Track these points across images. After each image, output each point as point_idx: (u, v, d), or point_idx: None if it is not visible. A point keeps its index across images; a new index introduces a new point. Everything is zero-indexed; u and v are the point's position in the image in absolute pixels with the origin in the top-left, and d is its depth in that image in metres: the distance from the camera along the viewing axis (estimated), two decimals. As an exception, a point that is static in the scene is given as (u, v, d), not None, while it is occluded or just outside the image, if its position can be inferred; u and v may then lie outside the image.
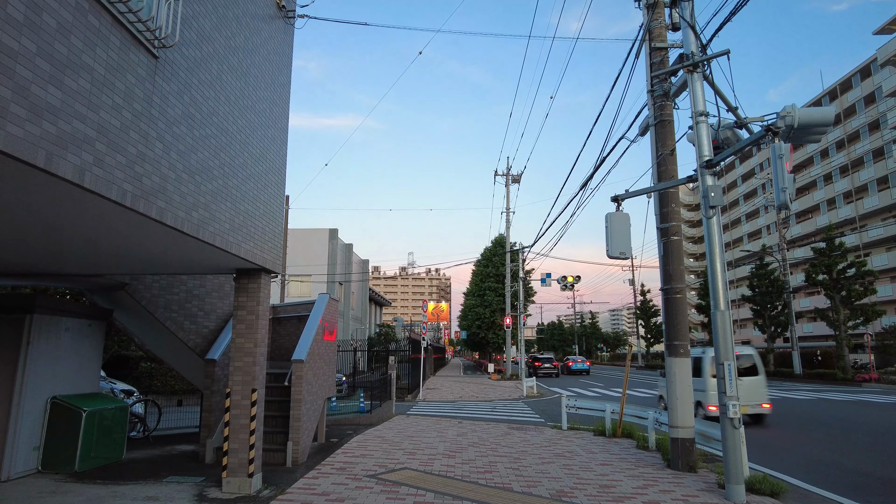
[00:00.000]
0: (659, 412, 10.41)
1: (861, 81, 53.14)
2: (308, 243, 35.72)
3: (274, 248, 6.67)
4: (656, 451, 9.92)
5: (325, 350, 8.92)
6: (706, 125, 7.63)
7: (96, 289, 8.05)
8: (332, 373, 9.53)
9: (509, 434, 11.53)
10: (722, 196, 7.16)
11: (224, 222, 5.30)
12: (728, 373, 6.72)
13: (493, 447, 9.65)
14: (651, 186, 8.71)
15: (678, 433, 8.27)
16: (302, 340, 8.04)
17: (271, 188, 6.68)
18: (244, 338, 6.30)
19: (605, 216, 8.32)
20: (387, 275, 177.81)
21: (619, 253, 8.15)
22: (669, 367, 8.57)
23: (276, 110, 6.84)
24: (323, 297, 9.14)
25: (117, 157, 3.59)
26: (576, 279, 31.19)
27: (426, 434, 11.03)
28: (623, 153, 11.67)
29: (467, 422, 13.80)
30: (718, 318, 6.96)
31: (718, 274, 7.06)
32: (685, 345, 8.64)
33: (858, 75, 53.44)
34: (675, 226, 8.96)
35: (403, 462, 7.99)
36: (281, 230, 6.92)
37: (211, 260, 5.86)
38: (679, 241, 8.97)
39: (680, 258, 8.92)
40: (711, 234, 7.20)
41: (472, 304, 44.56)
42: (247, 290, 6.40)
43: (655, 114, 9.45)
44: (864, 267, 29.56)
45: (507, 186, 35.84)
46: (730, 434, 6.60)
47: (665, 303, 8.88)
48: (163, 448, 8.89)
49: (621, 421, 11.55)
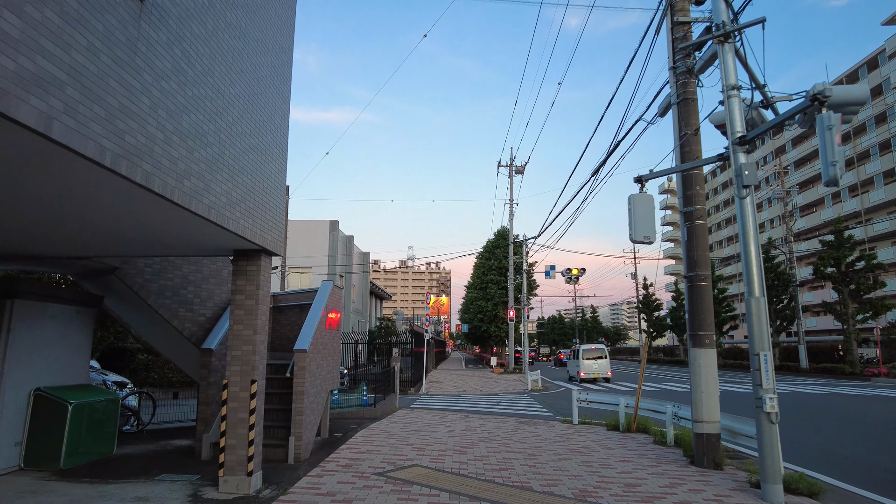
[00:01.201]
0: (678, 406, 9.94)
1: (868, 73, 52.45)
2: (308, 235, 35.19)
3: (275, 227, 6.16)
4: (675, 446, 9.46)
5: (328, 340, 8.44)
6: (738, 99, 7.11)
7: (85, 273, 7.55)
8: (335, 364, 9.05)
9: (519, 429, 11.06)
10: (756, 174, 6.65)
11: (220, 195, 4.79)
12: (764, 364, 6.23)
13: (505, 442, 9.19)
14: (675, 167, 8.20)
15: (703, 428, 7.80)
16: (304, 329, 7.54)
17: (273, 162, 6.16)
18: (243, 324, 5.80)
19: (628, 198, 7.82)
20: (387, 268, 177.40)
21: (643, 237, 7.65)
22: (694, 358, 8.09)
23: (278, 78, 6.32)
24: (326, 284, 8.64)
25: (94, 108, 3.08)
26: (580, 271, 30.71)
27: (433, 429, 10.57)
28: (639, 136, 11.16)
29: (474, 416, 13.34)
30: (753, 305, 6.47)
31: (753, 258, 6.56)
32: (710, 335, 8.15)
33: (865, 67, 52.75)
34: (699, 209, 8.46)
35: (412, 458, 7.52)
36: (282, 209, 6.40)
37: (205, 238, 5.35)
38: (704, 225, 8.47)
39: (705, 243, 8.42)
40: (745, 215, 6.69)
41: (474, 297, 44.10)
42: (245, 272, 5.90)
43: (678, 91, 8.93)
44: (873, 260, 29.08)
45: (511, 177, 35.29)
46: (766, 430, 6.12)
47: (689, 290, 8.39)
48: (157, 443, 8.42)
49: (636, 415, 11.09)
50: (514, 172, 35.32)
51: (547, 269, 30.89)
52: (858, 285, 29.01)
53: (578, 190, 14.89)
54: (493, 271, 41.85)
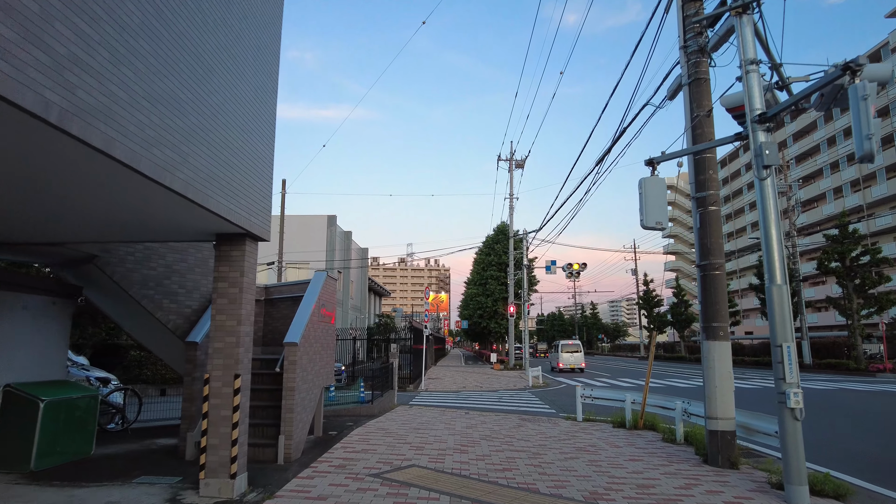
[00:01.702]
0: (687, 402, 9.52)
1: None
2: (306, 230, 34.74)
3: (262, 210, 5.71)
4: (686, 444, 9.06)
5: (321, 333, 8.00)
6: (757, 75, 6.67)
7: (63, 263, 7.11)
8: (329, 359, 8.62)
9: (522, 426, 10.65)
10: (777, 154, 6.22)
11: (199, 170, 4.34)
12: (787, 356, 5.81)
13: (508, 441, 8.77)
14: (688, 148, 7.76)
15: (717, 425, 7.38)
16: (295, 322, 7.10)
17: (259, 141, 5.70)
18: (226, 314, 5.36)
19: (639, 182, 7.38)
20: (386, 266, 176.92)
21: (654, 223, 7.22)
22: (707, 351, 7.67)
23: (266, 52, 5.86)
24: (320, 274, 8.20)
25: (34, 53, 2.63)
26: (582, 266, 30.29)
27: (433, 426, 10.14)
28: (646, 121, 10.72)
29: (475, 413, 12.93)
30: (775, 293, 6.04)
31: (774, 243, 6.13)
32: (725, 327, 7.73)
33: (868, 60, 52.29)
34: (712, 195, 8.02)
35: (410, 458, 7.09)
36: (269, 192, 5.95)
37: (184, 219, 4.90)
38: (717, 211, 8.04)
39: (718, 230, 7.99)
40: (765, 197, 6.25)
41: (474, 293, 43.69)
42: (229, 258, 5.45)
43: (689, 72, 8.49)
44: (879, 254, 28.68)
45: (511, 172, 34.83)
46: (790, 427, 5.70)
47: (702, 280, 7.96)
48: (141, 442, 7.98)
49: (643, 412, 10.68)
50: (514, 167, 34.86)
51: (548, 265, 30.46)
52: (864, 280, 28.61)
53: (581, 181, 14.47)
54: (493, 267, 41.43)
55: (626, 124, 11.71)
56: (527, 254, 32.47)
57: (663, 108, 9.92)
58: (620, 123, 11.85)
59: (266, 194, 5.86)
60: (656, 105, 10.13)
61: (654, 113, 10.45)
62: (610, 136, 11.56)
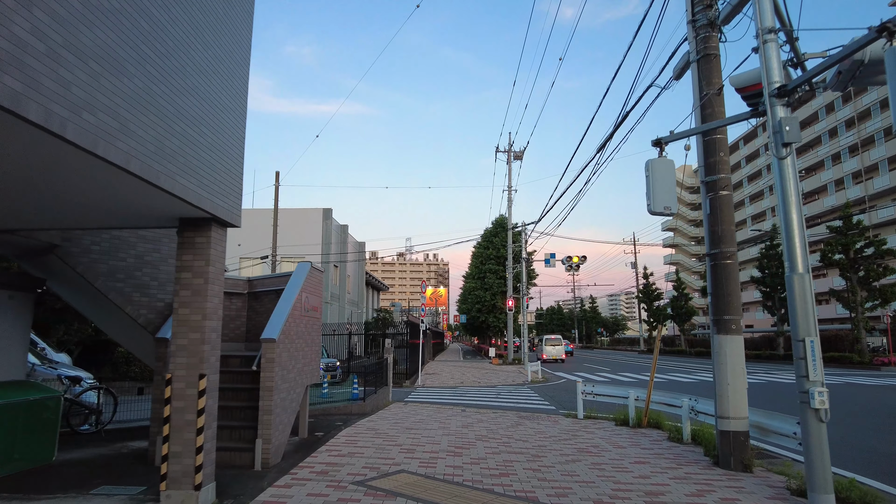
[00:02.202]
0: (694, 399, 9.02)
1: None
2: (301, 223, 34.15)
3: (230, 192, 5.15)
4: (693, 444, 8.57)
5: (305, 328, 7.46)
6: (775, 44, 6.10)
7: (19, 253, 6.56)
8: (315, 355, 8.08)
9: (520, 424, 10.14)
10: (798, 131, 5.66)
11: (146, 142, 3.78)
12: (811, 351, 5.28)
13: (505, 441, 8.26)
14: (698, 127, 7.20)
15: (729, 425, 6.87)
16: (274, 316, 6.55)
17: (227, 115, 5.14)
18: (190, 308, 4.82)
19: (646, 164, 6.83)
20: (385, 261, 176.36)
21: (663, 207, 6.67)
22: (719, 346, 7.14)
23: (234, 13, 5.28)
24: (303, 265, 7.66)
25: None
26: (581, 259, 29.75)
27: (426, 426, 9.63)
28: (651, 104, 10.16)
29: (471, 410, 12.43)
30: (796, 283, 5.51)
31: (795, 227, 5.59)
32: (737, 320, 7.20)
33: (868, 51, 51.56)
34: (724, 178, 7.47)
35: (399, 462, 6.57)
36: (240, 172, 5.39)
37: (137, 200, 4.35)
38: (729, 196, 7.49)
39: (730, 216, 7.44)
40: (785, 178, 5.71)
41: (472, 287, 43.18)
42: (193, 245, 4.90)
43: (698, 47, 7.92)
44: (883, 245, 28.18)
45: (509, 163, 34.25)
46: (814, 429, 5.17)
47: (712, 270, 7.42)
48: (112, 445, 7.46)
49: (647, 409, 10.18)
50: (512, 158, 34.28)
51: (547, 257, 29.93)
52: (868, 272, 28.12)
53: (582, 169, 13.90)
54: (492, 260, 40.91)
55: (629, 108, 11.15)
56: (525, 247, 31.92)
57: (669, 89, 9.40)
58: (623, 107, 11.29)
59: (236, 175, 5.30)
60: (661, 86, 9.57)
61: (658, 95, 9.90)
62: (612, 122, 10.99)
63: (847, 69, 5.56)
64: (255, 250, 32.44)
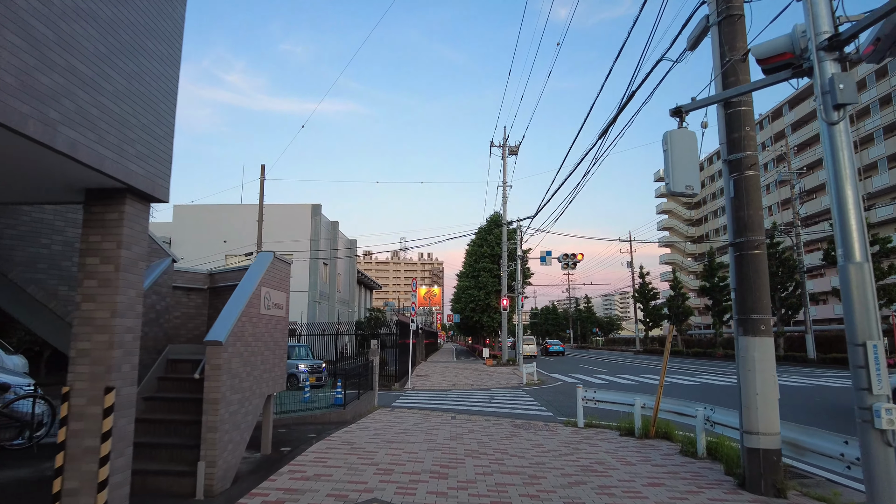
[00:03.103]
0: (710, 408, 8.03)
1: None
2: (289, 219, 33.04)
3: (152, 157, 4.11)
4: (709, 459, 7.61)
5: (265, 329, 6.41)
6: (821, -10, 5.12)
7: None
8: (279, 359, 7.03)
9: (515, 435, 9.14)
10: (854, 90, 4.69)
11: (4, 72, 2.74)
12: (874, 358, 4.30)
13: (498, 458, 7.24)
14: (724, 92, 6.21)
15: (759, 442, 5.89)
16: (223, 315, 5.50)
17: (148, 58, 4.08)
18: (95, 302, 3.79)
19: (664, 136, 5.84)
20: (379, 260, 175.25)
21: (684, 187, 5.69)
22: (745, 350, 6.16)
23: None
24: (264, 255, 6.63)
25: None
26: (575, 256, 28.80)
27: (411, 437, 8.61)
28: (660, 82, 9.17)
29: (462, 417, 11.42)
30: (853, 274, 4.53)
31: (850, 206, 4.61)
32: (767, 319, 6.22)
33: (870, 47, 50.88)
34: (750, 156, 6.49)
35: (373, 488, 5.54)
36: (169, 133, 4.34)
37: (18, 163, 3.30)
38: (756, 176, 6.51)
39: (757, 199, 6.46)
40: (837, 148, 4.73)
41: (466, 286, 42.17)
42: (101, 223, 3.86)
43: (719, 8, 6.94)
44: (889, 244, 27.39)
45: (504, 158, 33.24)
46: (879, 455, 4.19)
47: (737, 262, 6.43)
48: (39, 466, 6.39)
49: (656, 418, 9.20)
50: (507, 153, 33.28)
51: (542, 255, 28.97)
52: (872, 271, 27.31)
53: (582, 157, 12.90)
54: (486, 259, 39.92)
55: (636, 87, 10.18)
56: (520, 244, 30.94)
57: (683, 62, 8.38)
58: (628, 86, 10.31)
59: (163, 138, 4.26)
60: (673, 59, 8.57)
61: (669, 69, 8.90)
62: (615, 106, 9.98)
63: (888, 34, 4.61)
64: (242, 247, 31.34)
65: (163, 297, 6.53)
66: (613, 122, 11.51)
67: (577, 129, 13.33)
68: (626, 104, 10.75)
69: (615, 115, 11.17)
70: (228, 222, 33.68)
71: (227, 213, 34.13)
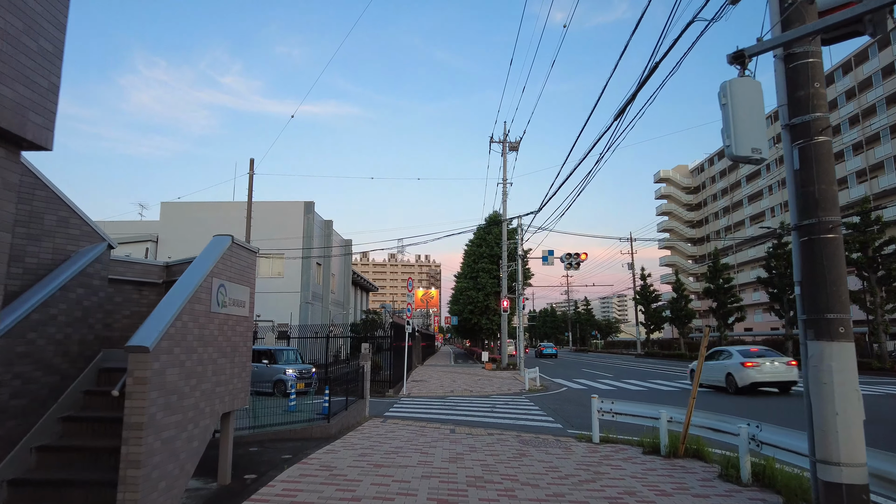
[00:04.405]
0: (757, 425, 6.79)
1: (879, 52, 49.76)
2: (280, 217, 31.76)
3: (24, 81, 2.85)
4: (756, 485, 6.40)
5: (218, 331, 5.14)
6: None
7: None
8: (240, 368, 5.75)
9: (524, 454, 7.89)
10: None
11: None
12: None
13: (508, 487, 5.99)
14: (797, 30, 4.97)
15: (840, 475, 4.65)
16: (156, 313, 4.23)
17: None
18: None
19: (723, 87, 4.63)
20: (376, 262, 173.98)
21: (750, 150, 4.49)
22: (819, 357, 4.92)
23: None
24: (219, 239, 5.37)
25: None
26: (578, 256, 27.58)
27: (403, 458, 7.35)
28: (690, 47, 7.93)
29: (462, 430, 10.17)
30: None
31: None
32: (846, 320, 4.98)
33: (876, 46, 49.98)
34: (821, 118, 5.25)
35: (350, 537, 4.28)
36: (58, 52, 3.08)
37: None
38: (828, 143, 5.28)
39: (830, 171, 5.23)
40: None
41: (464, 287, 40.91)
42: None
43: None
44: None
45: (504, 155, 32.04)
46: None
47: (805, 248, 5.20)
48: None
49: (686, 434, 7.98)
50: (507, 149, 32.08)
51: (545, 254, 27.75)
52: (889, 271, 26.17)
53: (596, 140, 11.68)
54: (485, 259, 38.68)
55: (659, 59, 8.99)
56: (521, 243, 29.71)
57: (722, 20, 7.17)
58: (651, 57, 9.12)
59: (40, 55, 2.98)
60: (708, 19, 7.37)
61: (704, 31, 7.69)
62: (660, 53, 8.75)
63: None
64: (230, 246, 30.01)
65: (94, 292, 5.26)
66: (632, 100, 10.30)
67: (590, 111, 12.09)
68: (647, 78, 9.55)
69: (634, 92, 9.95)
70: (218, 220, 32.33)
71: (217, 211, 32.83)
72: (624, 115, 10.77)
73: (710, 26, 7.46)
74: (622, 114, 10.77)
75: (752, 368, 16.55)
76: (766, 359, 16.90)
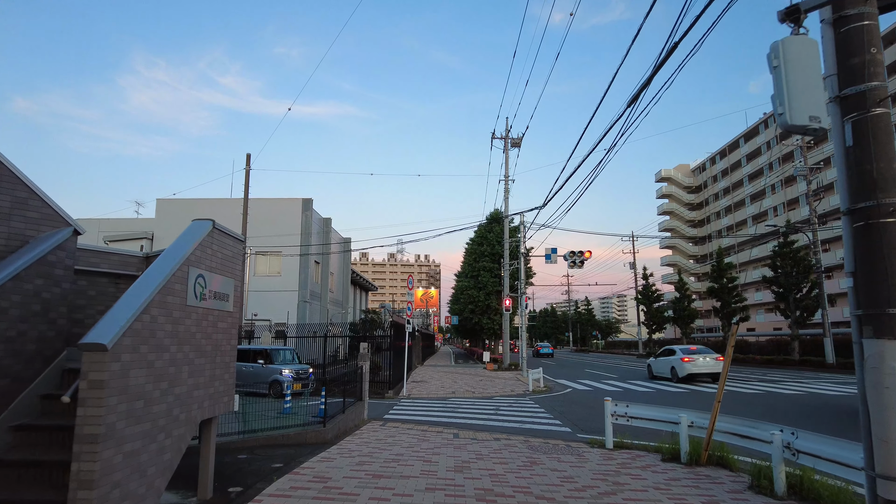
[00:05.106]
0: (793, 433, 6.19)
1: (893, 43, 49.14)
2: (278, 215, 31.16)
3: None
4: (792, 499, 5.80)
5: (195, 328, 4.53)
6: None
7: None
8: (222, 370, 5.14)
9: (535, 462, 7.29)
10: None
11: None
12: None
13: (521, 502, 5.38)
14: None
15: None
16: (118, 307, 3.63)
17: None
18: None
19: (773, 47, 4.04)
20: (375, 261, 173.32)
21: (808, 118, 3.91)
22: (878, 357, 4.33)
23: None
24: (199, 224, 4.78)
25: None
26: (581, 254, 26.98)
27: (404, 468, 6.75)
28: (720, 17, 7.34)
29: (466, 434, 9.58)
30: None
31: None
32: (910, 315, 4.39)
33: (888, 36, 49.39)
34: (878, 88, 4.65)
35: (344, 566, 3.68)
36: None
37: None
38: (887, 115, 4.67)
39: (890, 147, 4.63)
40: None
41: (465, 286, 40.30)
42: None
43: None
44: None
45: (506, 151, 31.43)
46: None
47: (860, 235, 4.60)
48: None
49: (710, 440, 7.39)
50: (509, 146, 31.47)
51: (548, 252, 27.14)
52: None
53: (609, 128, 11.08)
54: (486, 258, 38.08)
55: (679, 38, 8.42)
56: (524, 240, 29.10)
57: None
58: (669, 37, 8.57)
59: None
60: (736, -10, 6.80)
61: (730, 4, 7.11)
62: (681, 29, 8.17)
63: None
64: (226, 243, 29.40)
65: (56, 282, 4.65)
66: (647, 85, 9.72)
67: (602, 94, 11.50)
68: (664, 60, 9.00)
69: (651, 76, 9.38)
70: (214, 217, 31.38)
71: (214, 208, 32.18)
72: (638, 101, 10.19)
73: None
74: (636, 100, 10.18)
75: (689, 363, 20.99)
76: (700, 355, 21.28)
